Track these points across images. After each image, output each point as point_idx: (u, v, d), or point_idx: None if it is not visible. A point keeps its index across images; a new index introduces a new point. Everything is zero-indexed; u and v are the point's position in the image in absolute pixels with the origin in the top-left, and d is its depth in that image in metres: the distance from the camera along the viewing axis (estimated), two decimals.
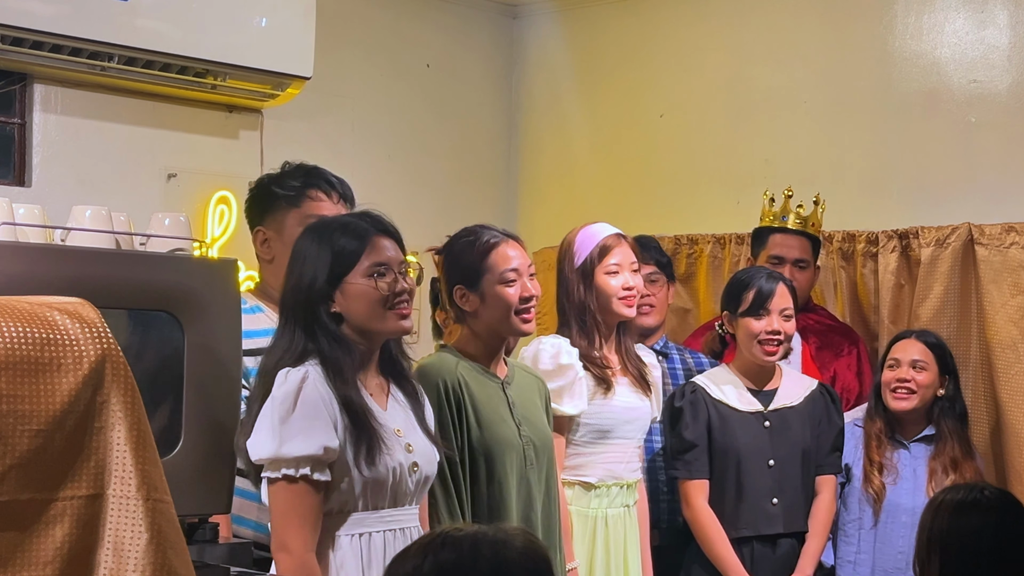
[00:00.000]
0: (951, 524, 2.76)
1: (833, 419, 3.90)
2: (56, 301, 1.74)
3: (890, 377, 3.99)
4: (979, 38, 4.56)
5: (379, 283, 2.66)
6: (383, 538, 2.65)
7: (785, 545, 3.79)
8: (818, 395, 3.90)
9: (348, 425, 2.59)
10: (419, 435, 2.75)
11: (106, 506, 1.67)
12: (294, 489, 2.55)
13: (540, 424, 3.20)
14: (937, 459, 3.97)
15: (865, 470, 3.95)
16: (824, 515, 3.83)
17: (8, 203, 2.50)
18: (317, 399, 2.57)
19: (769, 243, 4.35)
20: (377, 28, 5.24)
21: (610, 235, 3.54)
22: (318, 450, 2.54)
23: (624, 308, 3.50)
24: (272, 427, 2.56)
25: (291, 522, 2.55)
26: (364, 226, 2.71)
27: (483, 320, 3.12)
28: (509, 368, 3.21)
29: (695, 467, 3.77)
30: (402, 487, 2.66)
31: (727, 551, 3.71)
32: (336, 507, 2.61)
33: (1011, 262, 4.26)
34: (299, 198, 3.27)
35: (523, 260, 3.13)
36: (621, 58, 5.41)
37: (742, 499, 3.77)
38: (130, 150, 4.47)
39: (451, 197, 5.43)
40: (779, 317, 3.78)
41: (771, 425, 3.81)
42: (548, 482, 3.17)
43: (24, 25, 3.96)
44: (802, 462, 3.82)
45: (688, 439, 3.77)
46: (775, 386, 3.86)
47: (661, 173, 5.27)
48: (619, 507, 3.50)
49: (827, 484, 3.86)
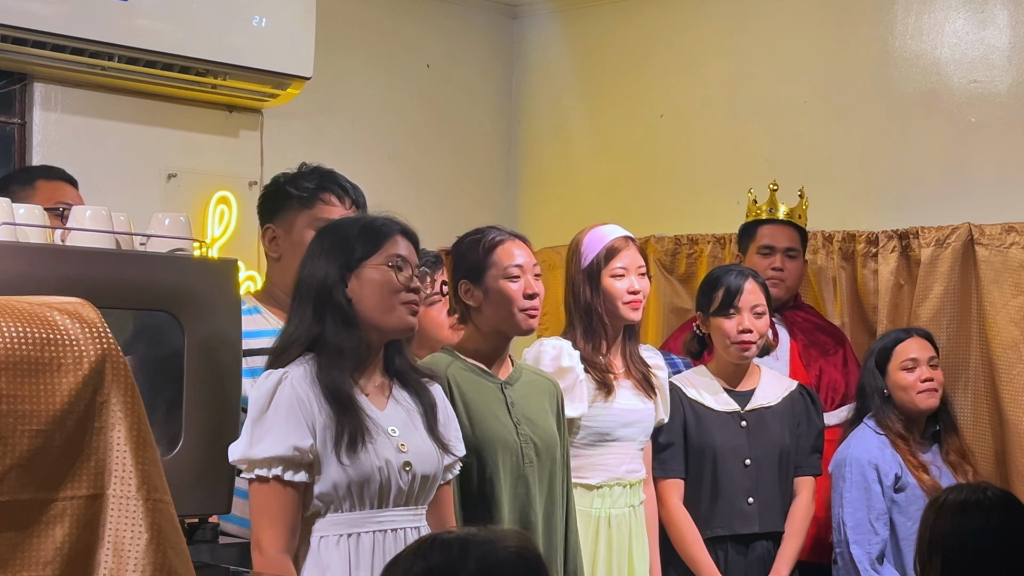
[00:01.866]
0: (953, 524, 2.76)
1: (813, 420, 3.87)
2: (56, 301, 1.74)
3: (912, 380, 3.94)
4: (979, 38, 4.56)
5: (396, 274, 2.68)
6: (372, 539, 2.64)
7: (760, 547, 3.77)
8: (797, 396, 3.87)
9: (331, 417, 2.60)
10: (419, 436, 2.74)
11: (106, 506, 1.67)
12: (267, 489, 2.57)
13: (544, 425, 3.19)
14: (951, 452, 3.97)
15: (913, 474, 3.87)
16: (801, 516, 3.80)
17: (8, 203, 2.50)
18: (292, 399, 2.58)
19: (758, 235, 4.35)
20: (377, 28, 5.24)
21: (618, 237, 3.53)
22: (287, 450, 2.56)
23: (629, 312, 3.50)
24: (246, 428, 2.59)
25: (264, 522, 2.58)
26: (389, 223, 2.75)
27: (486, 316, 3.13)
28: (515, 369, 3.22)
29: (670, 466, 3.75)
30: (391, 486, 2.65)
31: (700, 551, 3.70)
32: (322, 507, 2.61)
33: (1011, 262, 4.26)
34: (311, 200, 3.29)
35: (528, 259, 3.15)
36: (621, 58, 5.41)
37: (718, 498, 3.75)
38: (130, 150, 4.47)
39: (451, 197, 5.43)
40: (750, 314, 3.74)
41: (748, 425, 3.79)
42: (552, 482, 3.17)
43: (24, 25, 3.96)
44: (779, 462, 3.79)
45: (663, 440, 3.74)
46: (753, 386, 3.84)
47: (661, 173, 5.27)
48: (623, 507, 3.49)
49: (805, 485, 3.83)
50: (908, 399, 3.96)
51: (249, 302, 3.25)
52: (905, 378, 3.96)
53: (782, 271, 4.27)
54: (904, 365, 3.97)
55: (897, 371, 3.98)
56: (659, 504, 3.74)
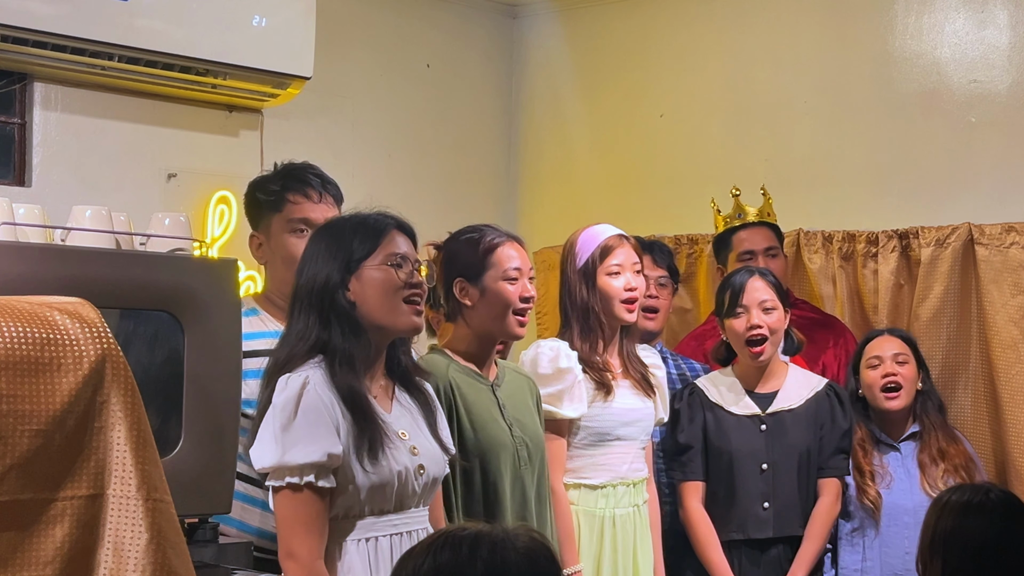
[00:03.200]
0: (954, 525, 2.75)
1: (838, 420, 3.82)
2: (56, 301, 1.74)
3: (875, 376, 3.94)
4: (979, 38, 4.56)
5: (397, 272, 2.64)
6: (390, 542, 2.63)
7: (775, 551, 3.75)
8: (824, 396, 3.83)
9: (351, 422, 2.57)
10: (425, 438, 2.73)
11: (106, 506, 1.67)
12: (299, 497, 2.52)
13: (532, 425, 3.20)
14: (924, 452, 3.94)
15: (856, 482, 3.88)
16: (823, 519, 3.77)
17: (8, 203, 2.50)
18: (319, 404, 2.55)
19: (734, 242, 4.32)
20: (377, 28, 5.24)
21: (612, 236, 3.52)
22: (322, 457, 2.52)
23: (625, 312, 3.49)
24: (274, 435, 2.53)
25: (297, 530, 2.53)
26: (383, 219, 2.71)
27: (479, 316, 3.12)
28: (499, 370, 3.21)
29: (689, 468, 3.77)
30: (408, 490, 2.64)
31: (716, 554, 3.70)
32: (342, 512, 2.59)
33: (1011, 262, 4.26)
34: (280, 202, 3.26)
35: (525, 262, 3.15)
36: (621, 58, 5.41)
37: (733, 502, 3.75)
38: (130, 150, 4.47)
39: (451, 196, 5.43)
40: (758, 311, 3.73)
41: (768, 428, 3.78)
42: (540, 482, 3.18)
43: (24, 25, 3.95)
44: (799, 466, 3.77)
45: (683, 441, 3.76)
46: (777, 387, 3.83)
47: (661, 173, 5.27)
48: (627, 507, 3.48)
49: (829, 487, 3.80)
50: (872, 398, 3.96)
51: (248, 304, 3.24)
52: (869, 375, 3.96)
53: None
54: (870, 363, 3.97)
55: (864, 369, 3.99)
56: (680, 505, 3.76)
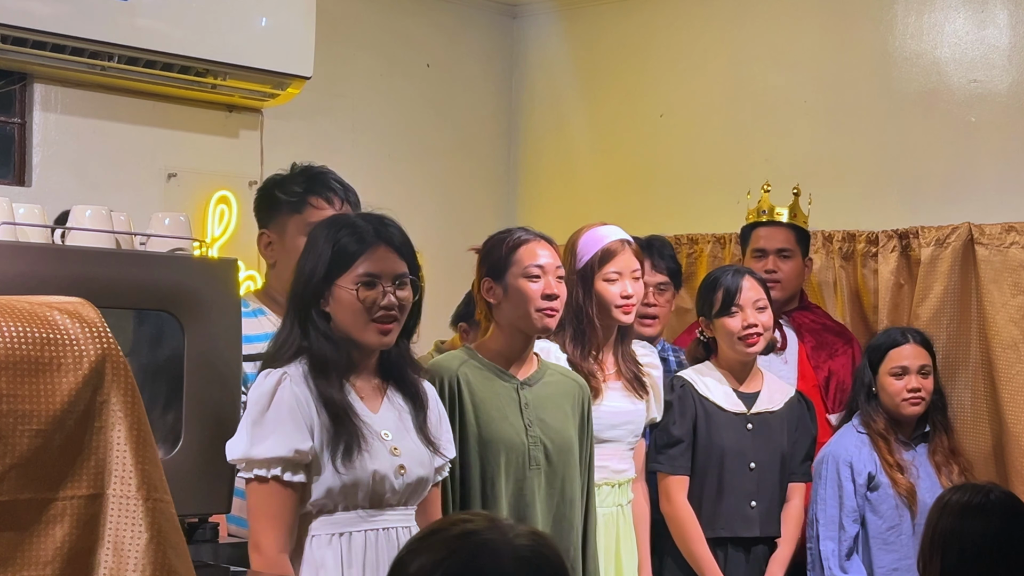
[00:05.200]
0: (955, 525, 2.76)
1: (807, 427, 3.87)
2: (56, 301, 1.74)
3: (899, 387, 3.93)
4: (979, 38, 4.56)
5: (362, 293, 2.64)
6: (364, 538, 2.65)
7: (759, 550, 3.77)
8: (795, 402, 3.87)
9: (327, 424, 2.60)
10: (411, 438, 2.73)
11: (106, 506, 1.67)
12: (266, 489, 2.57)
13: (560, 427, 3.17)
14: (938, 452, 3.96)
15: (887, 473, 3.87)
16: (796, 521, 3.81)
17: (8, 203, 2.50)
18: (292, 401, 2.58)
19: (752, 238, 4.35)
20: (377, 28, 5.24)
21: (614, 240, 3.50)
22: (288, 452, 2.56)
23: (622, 316, 3.48)
24: (245, 428, 2.58)
25: (263, 522, 2.58)
26: (370, 232, 2.69)
27: (505, 314, 3.14)
28: (539, 369, 3.21)
29: (679, 463, 3.75)
30: (383, 489, 2.65)
31: (703, 549, 3.69)
32: (315, 507, 2.62)
33: (1011, 262, 4.26)
34: (301, 204, 3.26)
35: (552, 260, 3.14)
36: (621, 58, 5.41)
37: (722, 500, 3.75)
38: (130, 150, 4.47)
39: (451, 197, 5.43)
40: (753, 310, 3.74)
41: (753, 428, 3.79)
42: (565, 485, 3.16)
43: (24, 25, 3.96)
44: (780, 468, 3.80)
45: (675, 434, 3.74)
46: (757, 389, 3.84)
47: (661, 173, 5.27)
48: (611, 507, 3.48)
49: (797, 491, 3.84)
50: (892, 404, 3.96)
51: (253, 302, 3.24)
52: (893, 384, 3.95)
53: (775, 273, 4.25)
54: (894, 371, 3.96)
55: (886, 375, 3.97)
56: (664, 499, 3.74)
